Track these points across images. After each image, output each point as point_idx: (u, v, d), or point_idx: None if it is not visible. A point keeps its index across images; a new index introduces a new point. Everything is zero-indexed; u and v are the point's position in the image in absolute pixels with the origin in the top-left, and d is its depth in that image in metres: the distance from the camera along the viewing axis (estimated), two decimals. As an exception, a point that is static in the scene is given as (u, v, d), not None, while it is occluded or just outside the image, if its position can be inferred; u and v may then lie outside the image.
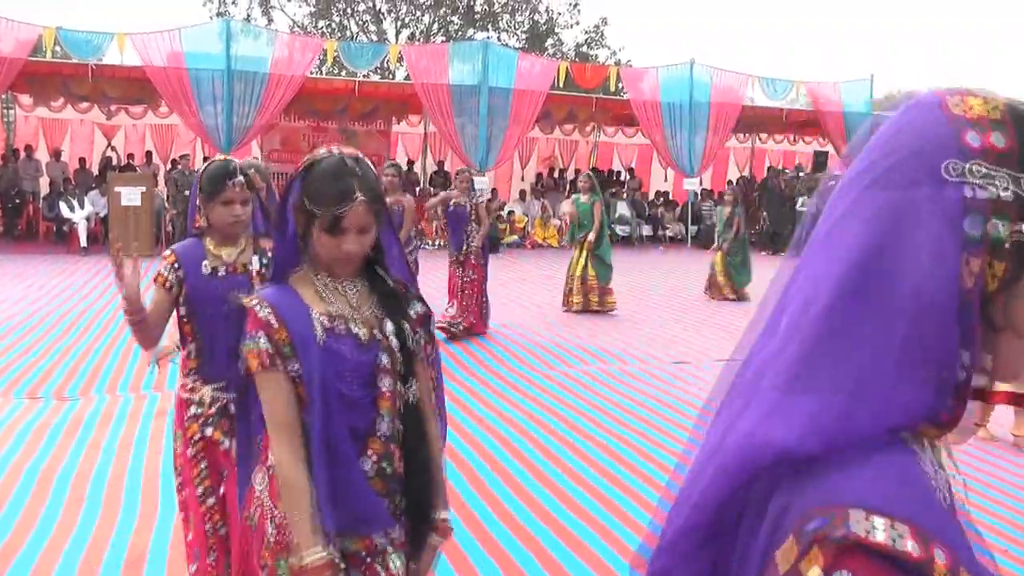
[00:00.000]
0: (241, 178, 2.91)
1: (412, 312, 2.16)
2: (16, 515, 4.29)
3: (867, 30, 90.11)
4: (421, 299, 2.23)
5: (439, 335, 7.59)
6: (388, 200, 6.40)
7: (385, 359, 2.04)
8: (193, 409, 2.94)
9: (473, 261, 9.01)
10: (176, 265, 2.92)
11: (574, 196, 11.43)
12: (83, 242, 15.25)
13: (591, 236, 10.43)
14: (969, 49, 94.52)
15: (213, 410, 2.93)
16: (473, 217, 9.01)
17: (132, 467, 4.97)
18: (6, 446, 5.27)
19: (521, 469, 5.16)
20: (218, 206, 2.91)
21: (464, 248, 9.01)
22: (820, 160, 21.48)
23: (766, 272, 12.02)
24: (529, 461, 5.32)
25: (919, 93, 0.87)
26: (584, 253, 10.58)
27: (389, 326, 2.07)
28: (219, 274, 2.94)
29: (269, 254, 2.84)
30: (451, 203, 9.10)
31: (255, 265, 2.97)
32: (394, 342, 2.06)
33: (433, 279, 9.98)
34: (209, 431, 2.93)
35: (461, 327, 8.83)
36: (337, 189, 1.96)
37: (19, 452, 5.18)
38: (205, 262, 2.94)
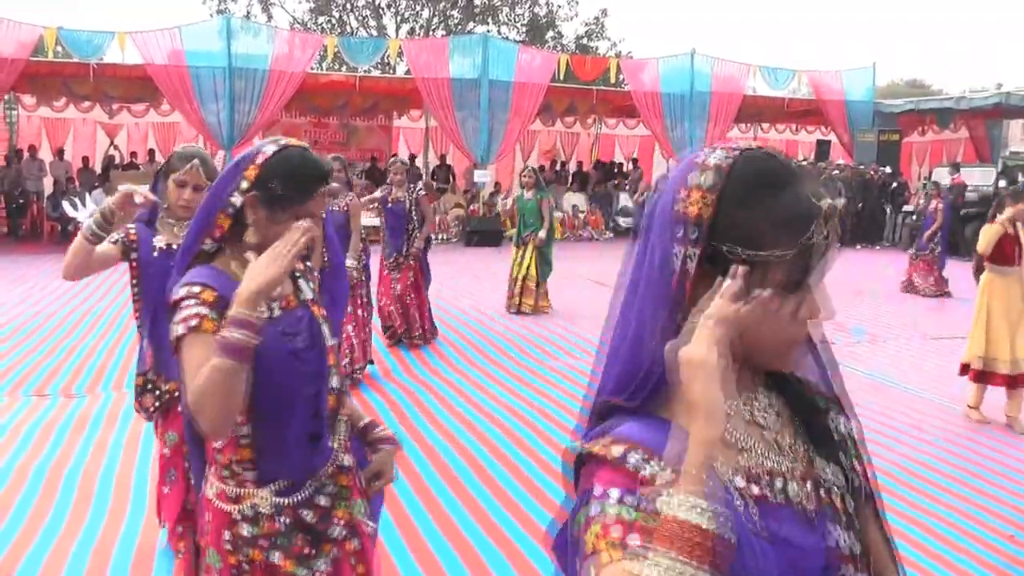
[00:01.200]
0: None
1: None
2: (26, 513, 4.32)
3: (869, 19, 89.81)
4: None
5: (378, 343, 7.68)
6: (335, 203, 6.43)
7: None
8: (246, 528, 1.99)
9: (412, 263, 7.89)
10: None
11: (516, 193, 10.47)
12: (87, 241, 15.25)
13: (541, 234, 9.68)
14: (970, 37, 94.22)
15: (279, 525, 2.00)
16: (415, 215, 7.85)
17: (139, 464, 4.99)
18: (15, 444, 5.31)
19: (531, 464, 5.17)
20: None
21: (404, 250, 7.84)
22: (823, 149, 21.45)
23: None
24: (539, 457, 5.34)
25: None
26: (529, 253, 9.81)
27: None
28: (274, 314, 2.00)
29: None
30: (389, 200, 7.86)
31: (308, 294, 2.13)
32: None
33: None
34: (277, 557, 2.01)
35: (413, 337, 8.06)
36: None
37: (27, 450, 5.21)
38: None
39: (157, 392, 3.30)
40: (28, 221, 17.51)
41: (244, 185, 1.91)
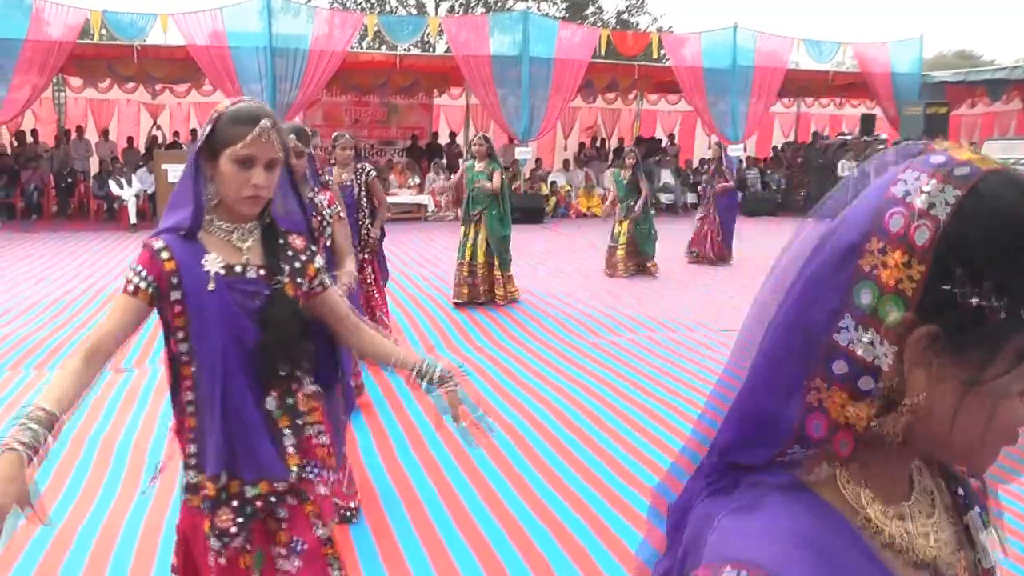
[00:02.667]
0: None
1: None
2: (82, 480, 4.43)
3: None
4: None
5: None
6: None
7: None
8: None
9: (367, 257, 6.44)
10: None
11: (467, 163, 8.96)
12: (132, 219, 15.56)
13: (497, 212, 8.66)
14: (1022, 7, 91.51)
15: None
16: (364, 202, 6.47)
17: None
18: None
19: (571, 437, 5.18)
20: None
21: (357, 243, 6.09)
22: (867, 123, 21.07)
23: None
24: (578, 428, 5.34)
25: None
26: (481, 234, 8.68)
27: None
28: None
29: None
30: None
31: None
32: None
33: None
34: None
35: None
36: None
37: (82, 421, 5.32)
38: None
39: (234, 504, 2.19)
40: (76, 200, 17.86)
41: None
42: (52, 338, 7.43)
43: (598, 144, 22.25)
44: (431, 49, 26.70)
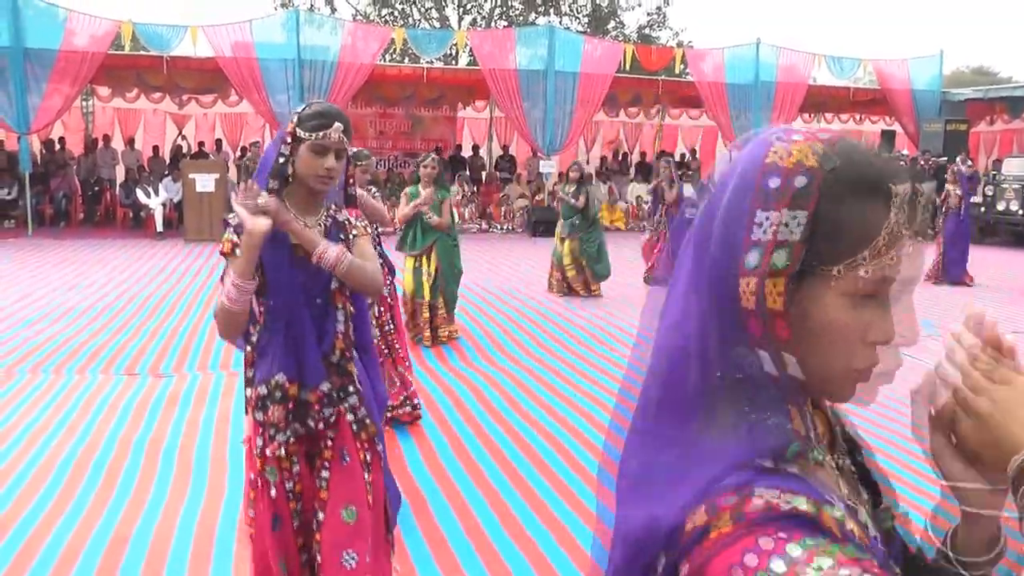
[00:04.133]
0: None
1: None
2: (132, 482, 4.52)
3: (934, 4, 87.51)
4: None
5: None
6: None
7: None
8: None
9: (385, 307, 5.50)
10: None
11: (409, 189, 7.63)
12: (159, 227, 15.73)
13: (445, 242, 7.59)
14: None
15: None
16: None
17: (232, 441, 5.16)
18: (114, 419, 5.53)
19: (591, 456, 5.21)
20: None
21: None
22: (887, 139, 21.08)
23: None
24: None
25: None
26: (431, 266, 7.56)
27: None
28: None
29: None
30: None
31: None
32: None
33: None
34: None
35: None
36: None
37: (126, 425, 5.43)
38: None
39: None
40: (103, 207, 18.07)
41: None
42: (91, 342, 7.55)
43: (620, 158, 22.33)
44: (454, 62, 26.88)
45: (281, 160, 2.58)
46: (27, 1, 14.92)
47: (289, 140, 2.58)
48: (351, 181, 2.91)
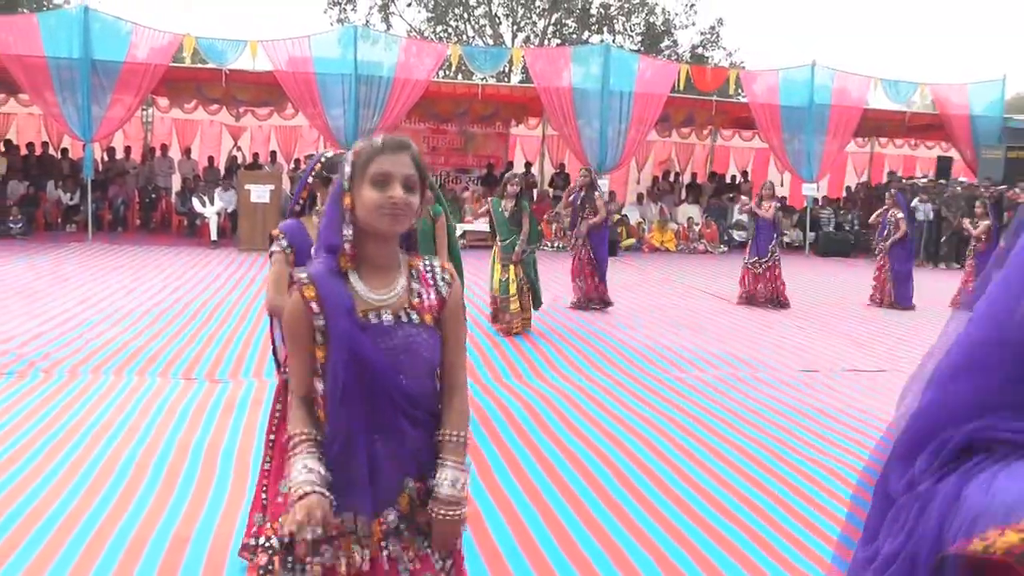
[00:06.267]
0: None
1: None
2: (192, 483, 4.59)
3: (1000, 26, 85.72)
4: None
5: None
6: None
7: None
8: None
9: None
10: None
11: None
12: (214, 236, 16.01)
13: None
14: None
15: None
16: None
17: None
18: (172, 422, 5.62)
19: (643, 477, 5.15)
20: None
21: None
22: (943, 166, 20.71)
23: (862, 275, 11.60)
24: (657, 466, 5.35)
25: None
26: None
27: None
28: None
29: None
30: None
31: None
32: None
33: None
34: None
35: None
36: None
37: (184, 428, 5.52)
38: None
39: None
40: (159, 214, 18.46)
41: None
42: (149, 346, 7.70)
43: (671, 179, 22.22)
44: (506, 79, 27.06)
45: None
46: (95, 15, 15.39)
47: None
48: None
